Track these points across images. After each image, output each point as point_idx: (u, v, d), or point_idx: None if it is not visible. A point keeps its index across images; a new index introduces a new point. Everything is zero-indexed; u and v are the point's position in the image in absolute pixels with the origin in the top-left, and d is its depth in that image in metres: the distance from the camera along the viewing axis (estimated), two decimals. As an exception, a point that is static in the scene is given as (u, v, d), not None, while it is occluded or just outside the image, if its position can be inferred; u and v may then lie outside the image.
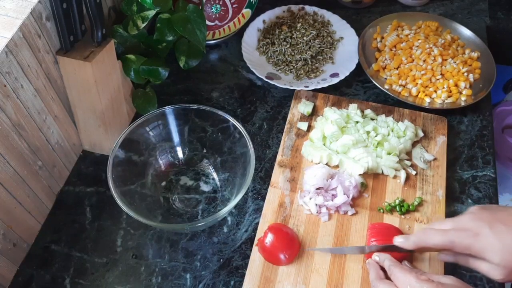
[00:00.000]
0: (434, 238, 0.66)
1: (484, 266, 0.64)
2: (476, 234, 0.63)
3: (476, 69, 1.00)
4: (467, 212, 0.68)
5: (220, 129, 0.85)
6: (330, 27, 1.09)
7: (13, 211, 0.74)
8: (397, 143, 0.87)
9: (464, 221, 0.66)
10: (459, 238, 0.64)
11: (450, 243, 0.65)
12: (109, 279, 0.78)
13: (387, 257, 0.70)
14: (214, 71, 1.05)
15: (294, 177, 0.86)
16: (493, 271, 0.63)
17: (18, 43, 0.67)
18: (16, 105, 0.70)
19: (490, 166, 0.89)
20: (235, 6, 1.03)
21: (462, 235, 0.64)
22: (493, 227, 0.63)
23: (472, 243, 0.63)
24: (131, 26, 0.87)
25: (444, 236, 0.65)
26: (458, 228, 0.65)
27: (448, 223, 0.67)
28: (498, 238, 0.62)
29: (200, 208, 0.85)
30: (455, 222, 0.67)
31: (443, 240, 0.65)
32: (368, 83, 1.01)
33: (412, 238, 0.69)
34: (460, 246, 0.64)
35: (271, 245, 0.75)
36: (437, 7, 1.17)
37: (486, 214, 0.65)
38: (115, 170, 0.77)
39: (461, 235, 0.64)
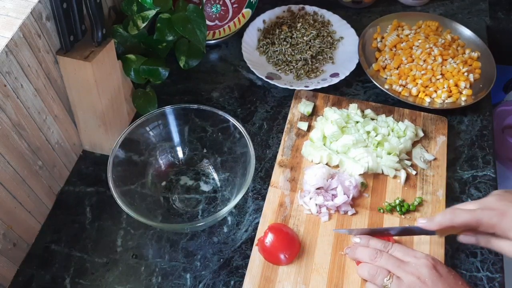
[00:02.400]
0: (461, 216, 0.68)
1: (507, 246, 0.66)
2: (503, 213, 0.65)
3: (476, 69, 1.00)
4: (491, 194, 0.70)
5: (220, 129, 0.85)
6: (330, 27, 1.09)
7: (13, 211, 0.74)
8: (397, 143, 0.87)
9: (490, 201, 0.68)
10: (486, 216, 0.66)
11: (477, 221, 0.67)
12: (109, 279, 0.78)
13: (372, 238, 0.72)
14: (214, 71, 1.05)
15: (294, 177, 0.86)
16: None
17: (18, 43, 0.67)
18: (16, 105, 0.70)
19: (490, 166, 0.89)
20: (235, 6, 1.03)
21: (489, 214, 0.66)
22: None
23: (498, 221, 0.65)
24: (131, 26, 0.87)
25: (471, 215, 0.67)
26: (484, 208, 0.67)
27: (472, 204, 0.69)
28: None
29: (200, 208, 0.85)
30: (480, 203, 0.69)
31: (470, 219, 0.67)
32: (368, 83, 1.01)
33: (438, 218, 0.70)
34: (487, 225, 0.66)
35: (271, 245, 0.75)
36: (437, 7, 1.17)
37: (510, 196, 0.68)
38: (115, 170, 0.77)
39: (488, 214, 0.66)
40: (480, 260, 0.78)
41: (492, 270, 0.77)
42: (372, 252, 0.70)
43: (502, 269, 0.78)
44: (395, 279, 0.67)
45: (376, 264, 0.69)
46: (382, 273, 0.67)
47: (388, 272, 0.67)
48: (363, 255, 0.71)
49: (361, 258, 0.71)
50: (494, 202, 0.68)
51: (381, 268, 0.68)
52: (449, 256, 0.78)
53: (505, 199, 0.68)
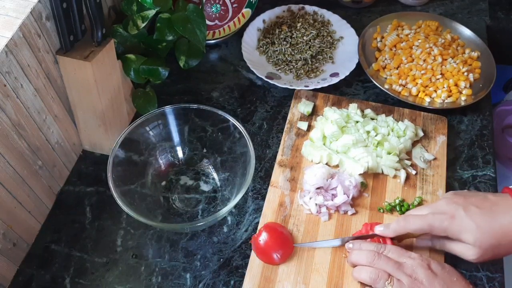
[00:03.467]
0: (414, 223, 0.71)
1: (460, 247, 0.70)
2: (452, 216, 0.68)
3: (476, 69, 1.00)
4: (442, 197, 0.74)
5: (220, 129, 0.85)
6: (330, 27, 1.09)
7: (13, 211, 0.74)
8: (397, 142, 0.87)
9: (440, 205, 0.71)
10: (437, 221, 0.69)
11: (428, 226, 0.69)
12: (109, 279, 0.78)
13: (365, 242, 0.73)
14: (214, 71, 1.05)
15: (294, 177, 0.86)
16: (468, 251, 0.69)
17: (18, 42, 0.67)
18: (16, 105, 0.70)
19: (490, 165, 0.89)
20: (235, 5, 1.03)
21: (440, 218, 0.69)
22: (467, 210, 0.68)
23: (449, 225, 0.68)
24: (131, 25, 0.87)
25: (423, 221, 0.70)
26: (435, 212, 0.70)
27: (425, 209, 0.72)
28: (472, 219, 0.67)
29: (200, 207, 0.85)
30: (432, 207, 0.72)
31: (422, 224, 0.70)
32: (368, 83, 1.01)
33: (393, 225, 0.72)
34: (438, 229, 0.69)
35: (264, 244, 0.75)
36: (437, 6, 1.17)
37: (460, 198, 0.70)
38: (115, 170, 0.77)
39: (439, 218, 0.69)
40: (480, 260, 0.78)
41: (492, 270, 0.77)
42: (369, 255, 0.70)
43: (501, 268, 0.78)
44: (396, 282, 0.67)
45: (375, 266, 0.69)
46: (383, 276, 0.68)
47: (388, 275, 0.68)
48: (359, 258, 0.71)
49: (358, 262, 0.71)
50: (444, 206, 0.70)
51: (381, 272, 0.68)
52: (449, 256, 0.78)
53: (454, 201, 0.70)
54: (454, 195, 0.72)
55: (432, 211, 0.71)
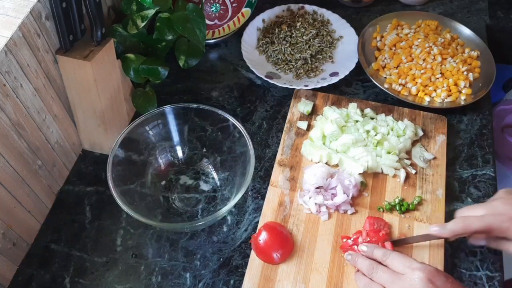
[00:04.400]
0: (473, 224, 0.69)
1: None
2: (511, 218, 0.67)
3: (475, 68, 1.00)
4: (496, 197, 0.71)
5: (219, 128, 0.85)
6: (329, 26, 1.09)
7: (13, 211, 0.74)
8: (396, 142, 0.87)
9: (497, 206, 0.69)
10: (496, 222, 0.67)
11: (488, 227, 0.68)
12: (109, 279, 0.78)
13: (376, 246, 0.71)
14: (213, 71, 1.04)
15: (294, 176, 0.86)
16: None
17: (18, 42, 0.67)
18: (16, 104, 0.70)
19: (489, 165, 0.89)
20: (235, 5, 1.03)
21: (499, 219, 0.67)
22: None
23: (510, 226, 0.67)
24: (131, 25, 0.87)
25: (482, 222, 0.68)
26: (493, 213, 0.69)
27: (480, 209, 0.71)
28: None
29: (200, 207, 0.85)
30: (488, 207, 0.70)
31: (482, 225, 0.68)
32: (367, 82, 1.01)
33: (450, 225, 0.70)
34: (498, 230, 0.68)
35: (264, 243, 0.75)
36: (436, 6, 1.17)
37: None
38: (115, 170, 0.77)
39: (498, 220, 0.67)
40: (480, 259, 0.78)
41: (492, 269, 0.77)
42: (369, 265, 0.69)
43: (501, 268, 0.78)
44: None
45: (372, 277, 0.68)
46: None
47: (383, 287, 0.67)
48: (362, 266, 0.71)
49: (360, 268, 0.71)
50: (502, 206, 0.69)
51: (376, 285, 0.68)
52: (448, 255, 0.78)
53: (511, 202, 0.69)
54: (509, 195, 0.71)
55: (490, 212, 0.69)
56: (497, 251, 0.79)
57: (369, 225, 0.78)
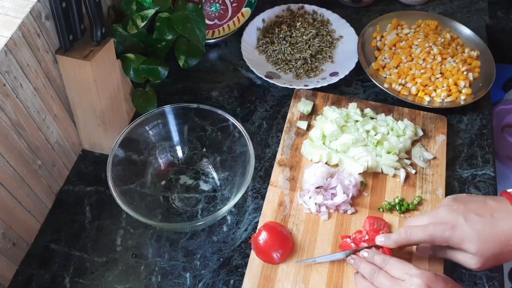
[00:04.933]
0: (415, 235, 0.69)
1: (462, 256, 0.68)
2: (453, 226, 0.67)
3: (475, 68, 1.00)
4: (442, 204, 0.71)
5: (219, 128, 0.85)
6: (329, 26, 1.09)
7: (12, 211, 0.74)
8: (396, 142, 0.87)
9: (441, 214, 0.69)
10: (438, 231, 0.68)
11: (430, 237, 0.68)
12: (109, 278, 0.78)
13: (376, 253, 0.71)
14: (213, 70, 1.04)
15: (294, 176, 0.86)
16: (470, 260, 0.67)
17: (18, 42, 0.67)
18: (16, 104, 0.70)
19: (489, 165, 0.89)
20: (235, 5, 1.03)
21: (440, 229, 0.68)
22: (468, 218, 0.67)
23: (450, 235, 0.67)
24: (131, 25, 0.87)
25: (424, 232, 0.69)
26: (435, 222, 0.69)
27: (425, 218, 0.71)
28: (473, 229, 0.66)
29: (200, 207, 0.85)
30: (432, 216, 0.70)
31: (424, 236, 0.69)
32: (367, 82, 1.01)
33: (394, 236, 0.71)
34: (440, 240, 0.68)
35: (264, 243, 0.75)
36: (436, 6, 1.17)
37: (460, 206, 0.69)
38: (115, 169, 0.77)
39: (440, 229, 0.68)
40: (480, 259, 0.78)
41: (492, 269, 0.77)
42: (371, 270, 0.69)
43: (501, 268, 0.78)
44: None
45: (372, 282, 0.68)
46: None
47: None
48: (364, 270, 0.70)
49: (362, 273, 0.71)
50: (445, 214, 0.69)
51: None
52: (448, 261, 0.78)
53: (454, 209, 0.69)
54: (454, 202, 0.70)
55: (433, 221, 0.69)
56: None
57: (369, 224, 0.78)
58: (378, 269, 0.68)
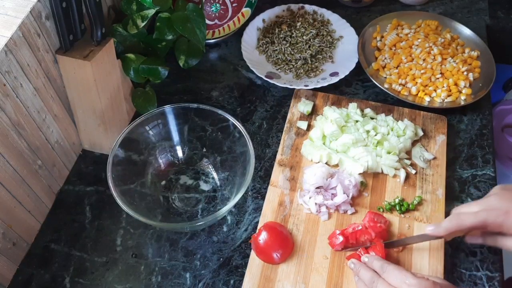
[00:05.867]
0: (467, 220, 0.69)
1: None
2: (507, 212, 0.67)
3: (476, 68, 1.00)
4: (491, 193, 0.71)
5: (219, 128, 0.85)
6: (329, 26, 1.09)
7: (13, 211, 0.74)
8: (396, 142, 0.87)
9: (492, 201, 0.69)
10: (491, 217, 0.67)
11: (483, 222, 0.68)
12: (109, 278, 0.78)
13: (376, 258, 0.71)
14: (213, 70, 1.04)
15: (294, 176, 0.86)
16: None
17: (18, 42, 0.67)
18: (16, 104, 0.70)
19: (489, 165, 0.89)
20: (235, 5, 1.03)
21: (494, 214, 0.67)
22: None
23: (504, 220, 0.67)
24: (131, 25, 0.87)
25: (477, 218, 0.68)
26: (488, 209, 0.68)
27: (475, 206, 0.70)
28: None
29: (200, 207, 0.85)
30: (483, 203, 0.70)
31: (477, 221, 0.68)
32: (367, 82, 1.01)
33: (445, 224, 0.70)
34: (493, 225, 0.68)
35: (264, 243, 0.75)
36: (437, 6, 1.17)
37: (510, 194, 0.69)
38: (115, 169, 0.77)
39: (493, 214, 0.67)
40: (480, 259, 0.78)
41: (492, 269, 0.77)
42: (371, 278, 0.68)
43: (501, 268, 0.78)
44: None
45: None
46: None
47: None
48: (364, 277, 0.70)
49: (362, 279, 0.70)
50: (497, 202, 0.69)
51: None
52: (448, 255, 0.78)
53: (506, 198, 0.69)
54: (504, 190, 0.70)
55: (485, 207, 0.69)
56: (497, 251, 0.79)
57: (369, 219, 0.78)
58: (377, 277, 0.68)
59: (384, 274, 0.67)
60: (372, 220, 0.78)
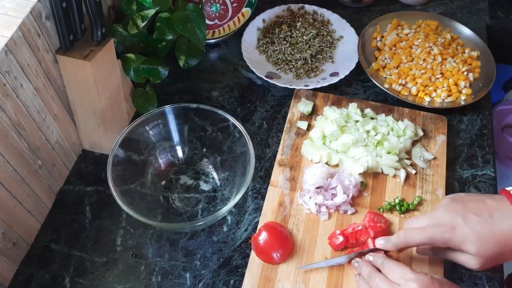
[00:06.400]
0: (414, 237, 0.68)
1: (462, 257, 0.68)
2: (453, 228, 0.66)
3: (476, 68, 1.00)
4: (440, 205, 0.71)
5: (220, 128, 0.85)
6: (330, 26, 1.09)
7: (13, 211, 0.74)
8: (397, 142, 0.87)
9: (439, 215, 0.69)
10: (437, 233, 0.67)
11: (429, 239, 0.68)
12: (109, 278, 0.78)
13: (381, 256, 0.71)
14: (214, 70, 1.04)
15: (294, 176, 0.86)
16: (470, 261, 0.67)
17: (18, 42, 0.67)
18: (16, 104, 0.70)
19: (490, 165, 0.89)
20: (235, 5, 1.03)
21: (440, 230, 0.67)
22: (467, 219, 0.66)
23: (450, 237, 0.66)
24: (131, 25, 0.87)
25: (424, 234, 0.68)
26: (434, 224, 0.68)
27: (423, 220, 0.70)
28: (472, 229, 0.65)
29: (200, 207, 0.85)
30: (431, 217, 0.70)
31: (424, 238, 0.68)
32: (368, 82, 1.01)
33: (393, 239, 0.70)
34: (440, 241, 0.67)
35: (264, 243, 0.75)
36: (437, 6, 1.17)
37: (458, 206, 0.68)
38: (115, 169, 0.77)
39: (439, 231, 0.67)
40: (480, 259, 0.78)
41: (492, 269, 0.77)
42: (369, 273, 0.69)
43: (501, 268, 0.78)
44: None
45: (370, 285, 0.68)
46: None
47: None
48: (364, 272, 0.70)
49: (362, 274, 0.71)
50: (443, 216, 0.68)
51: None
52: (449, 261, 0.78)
53: (453, 210, 0.68)
54: (452, 202, 0.70)
55: (432, 223, 0.69)
56: None
57: (369, 219, 0.78)
58: (375, 273, 0.68)
59: (384, 270, 0.68)
60: (372, 220, 0.78)
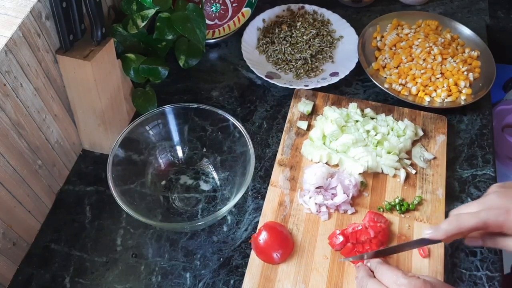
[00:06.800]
0: (467, 221, 0.65)
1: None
2: (508, 211, 0.64)
3: (476, 68, 1.00)
4: (489, 192, 0.69)
5: (220, 128, 0.85)
6: (330, 26, 1.09)
7: (13, 210, 0.74)
8: (397, 142, 0.87)
9: (492, 200, 0.67)
10: (491, 217, 0.64)
11: (484, 223, 0.65)
12: (109, 278, 0.78)
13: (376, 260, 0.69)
14: (214, 70, 1.04)
15: (294, 176, 0.86)
16: None
17: (18, 42, 0.67)
18: (16, 104, 0.70)
19: (490, 165, 0.89)
20: (235, 5, 1.03)
21: (494, 214, 0.64)
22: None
23: (505, 219, 0.64)
24: (131, 25, 0.87)
25: (476, 218, 0.65)
26: (488, 208, 0.66)
27: (475, 205, 0.68)
28: None
29: (200, 207, 0.85)
30: (482, 202, 0.67)
31: (477, 222, 0.65)
32: (368, 82, 1.01)
33: (444, 226, 0.67)
34: (494, 225, 0.64)
35: (264, 243, 0.75)
36: (437, 6, 1.17)
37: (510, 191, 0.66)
38: (115, 169, 0.77)
39: (493, 214, 0.64)
40: (480, 259, 0.78)
41: (492, 269, 0.77)
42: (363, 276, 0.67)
43: (501, 268, 0.78)
44: None
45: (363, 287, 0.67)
46: None
47: None
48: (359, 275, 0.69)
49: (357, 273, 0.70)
50: (496, 200, 0.66)
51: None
52: (448, 255, 0.78)
53: (506, 195, 0.66)
54: (503, 188, 0.68)
55: (485, 207, 0.66)
56: (497, 251, 0.79)
57: (369, 219, 0.78)
58: (368, 278, 0.66)
59: (377, 274, 0.66)
60: (372, 220, 0.78)
